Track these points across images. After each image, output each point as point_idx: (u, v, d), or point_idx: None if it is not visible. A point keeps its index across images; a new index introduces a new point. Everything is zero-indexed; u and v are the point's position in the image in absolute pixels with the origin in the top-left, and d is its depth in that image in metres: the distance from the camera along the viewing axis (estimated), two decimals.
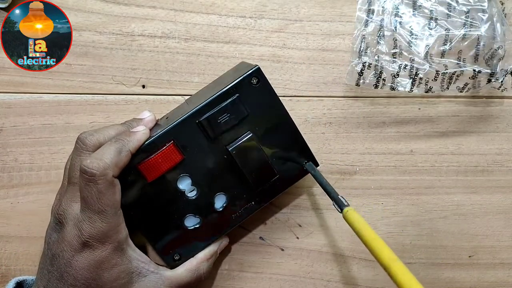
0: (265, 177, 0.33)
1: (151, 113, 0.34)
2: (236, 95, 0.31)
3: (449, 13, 0.35)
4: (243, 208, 0.34)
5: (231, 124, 0.31)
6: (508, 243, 0.39)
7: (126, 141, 0.30)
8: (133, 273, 0.31)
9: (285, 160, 0.33)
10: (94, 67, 0.37)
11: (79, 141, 0.30)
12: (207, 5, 0.37)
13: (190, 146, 0.31)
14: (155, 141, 0.31)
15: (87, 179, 0.28)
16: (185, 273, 0.33)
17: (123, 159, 0.29)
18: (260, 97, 0.31)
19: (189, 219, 0.33)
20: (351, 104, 0.38)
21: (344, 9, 0.37)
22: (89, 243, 0.28)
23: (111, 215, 0.29)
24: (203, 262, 0.34)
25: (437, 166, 0.38)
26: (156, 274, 0.32)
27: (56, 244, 0.29)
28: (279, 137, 0.33)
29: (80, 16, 0.37)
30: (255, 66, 0.31)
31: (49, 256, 0.30)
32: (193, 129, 0.31)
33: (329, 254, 0.38)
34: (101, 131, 0.31)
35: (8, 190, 0.38)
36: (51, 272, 0.29)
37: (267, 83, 0.31)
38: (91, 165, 0.28)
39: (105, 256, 0.29)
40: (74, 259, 0.29)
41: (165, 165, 0.31)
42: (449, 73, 0.36)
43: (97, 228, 0.28)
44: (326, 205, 0.38)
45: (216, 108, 0.31)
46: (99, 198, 0.28)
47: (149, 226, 0.32)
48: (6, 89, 0.37)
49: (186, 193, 0.32)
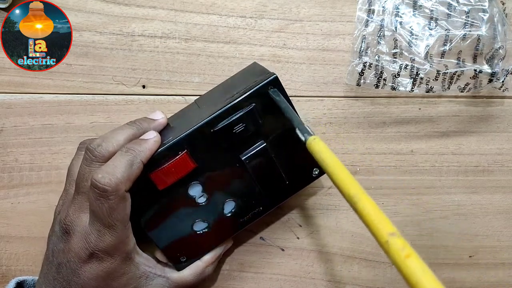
0: (275, 184, 0.33)
1: (164, 116, 0.33)
2: (252, 105, 0.30)
3: (450, 13, 0.35)
4: (251, 213, 0.34)
5: (245, 134, 0.30)
6: (508, 243, 0.39)
7: (138, 151, 0.28)
8: (141, 277, 0.31)
9: (294, 167, 0.33)
10: (95, 67, 0.37)
11: (88, 152, 0.29)
12: (207, 5, 0.37)
13: (203, 154, 0.30)
14: (168, 149, 0.30)
15: (99, 194, 0.27)
16: (192, 275, 0.33)
17: (135, 172, 0.28)
18: (275, 106, 0.30)
19: (198, 224, 0.33)
20: (352, 104, 0.38)
21: (344, 9, 0.37)
22: (98, 255, 0.28)
23: (121, 229, 0.28)
24: (209, 265, 0.34)
25: (437, 166, 0.38)
26: (163, 277, 0.32)
27: (63, 254, 0.29)
28: (291, 145, 0.32)
29: (80, 16, 0.37)
30: (272, 74, 0.30)
31: (54, 264, 0.29)
32: (207, 138, 0.30)
33: (329, 254, 0.38)
34: (110, 139, 0.29)
35: (8, 190, 0.38)
36: (57, 279, 0.29)
37: (284, 92, 0.30)
38: (103, 180, 0.27)
39: (114, 267, 0.29)
40: (81, 269, 0.28)
41: (178, 174, 0.30)
42: (450, 73, 0.36)
43: (106, 242, 0.28)
44: (326, 205, 0.38)
45: (232, 117, 0.30)
46: (110, 214, 0.27)
47: (157, 230, 0.32)
48: (6, 89, 0.37)
49: (196, 199, 0.32)
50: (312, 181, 0.34)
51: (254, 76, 0.32)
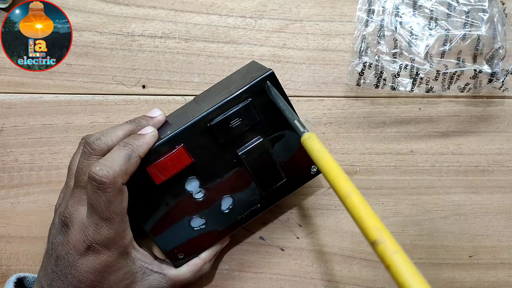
0: (273, 181, 0.33)
1: (162, 113, 0.33)
2: (249, 100, 0.30)
3: (450, 13, 0.35)
4: (249, 210, 0.34)
5: (242, 129, 0.31)
6: (508, 243, 0.39)
7: (135, 145, 0.29)
8: (137, 273, 0.31)
9: (292, 164, 0.33)
10: (95, 67, 0.37)
11: (86, 145, 0.29)
12: (207, 5, 0.37)
13: (199, 149, 0.31)
14: (165, 143, 0.30)
15: (96, 187, 0.27)
16: (189, 272, 0.34)
17: (133, 165, 0.29)
18: (272, 102, 0.30)
19: (195, 220, 0.33)
20: (352, 104, 0.38)
21: (344, 9, 0.37)
22: (95, 248, 0.28)
23: (118, 222, 0.28)
24: (207, 262, 0.34)
25: (437, 166, 0.38)
26: (159, 274, 0.32)
27: (61, 246, 0.29)
28: (288, 141, 0.32)
29: (80, 16, 0.37)
30: (269, 70, 0.30)
31: (53, 257, 0.30)
32: (204, 133, 0.30)
33: (329, 254, 0.38)
34: (109, 134, 0.30)
35: (8, 190, 0.38)
36: (55, 272, 0.29)
37: (280, 87, 0.31)
38: (101, 172, 0.27)
39: (111, 261, 0.29)
40: (79, 262, 0.29)
41: (174, 168, 0.30)
42: (450, 73, 0.36)
43: (103, 235, 0.28)
44: (326, 205, 0.38)
45: (228, 112, 0.30)
46: (108, 206, 0.28)
47: (155, 226, 0.32)
48: (6, 89, 0.37)
49: (193, 194, 0.32)
50: (310, 178, 0.34)
51: (251, 73, 0.32)
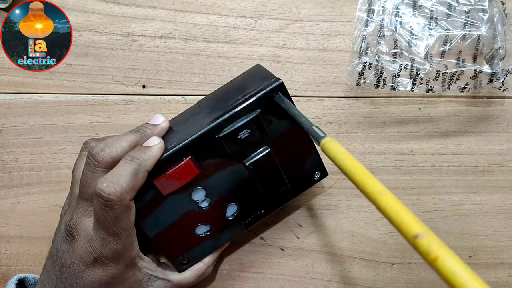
0: (278, 188, 0.33)
1: (165, 119, 0.32)
2: (258, 111, 0.30)
3: (450, 13, 0.35)
4: (253, 216, 0.34)
5: (250, 140, 0.30)
6: (508, 243, 0.39)
7: (142, 159, 0.28)
8: (142, 280, 0.31)
9: (296, 170, 0.33)
10: (95, 67, 0.37)
11: (90, 157, 0.28)
12: (207, 5, 0.37)
13: (207, 160, 0.30)
14: (172, 155, 0.29)
15: (103, 204, 0.27)
16: (193, 277, 0.34)
17: (140, 180, 0.28)
18: (280, 112, 0.30)
19: (200, 227, 0.33)
20: (352, 104, 0.38)
21: (344, 9, 0.37)
22: (102, 261, 0.28)
23: (126, 237, 0.28)
24: (209, 266, 0.35)
25: (437, 166, 0.38)
26: (163, 279, 0.32)
27: (67, 255, 0.29)
28: (295, 150, 0.32)
29: (80, 16, 0.37)
30: (277, 79, 0.30)
31: (58, 263, 0.29)
32: (212, 144, 0.30)
33: (329, 254, 0.38)
34: (113, 145, 0.29)
35: (8, 190, 0.38)
36: (59, 279, 0.29)
37: (289, 97, 0.30)
38: (108, 190, 0.26)
39: (118, 273, 0.29)
40: (85, 273, 0.28)
41: (182, 180, 0.30)
42: (450, 73, 0.36)
43: (111, 249, 0.28)
44: (326, 205, 0.38)
45: (237, 123, 0.29)
46: (115, 223, 0.27)
47: (160, 233, 0.32)
48: (6, 89, 0.37)
49: (199, 203, 0.32)
50: (313, 184, 0.34)
51: (258, 80, 0.31)
